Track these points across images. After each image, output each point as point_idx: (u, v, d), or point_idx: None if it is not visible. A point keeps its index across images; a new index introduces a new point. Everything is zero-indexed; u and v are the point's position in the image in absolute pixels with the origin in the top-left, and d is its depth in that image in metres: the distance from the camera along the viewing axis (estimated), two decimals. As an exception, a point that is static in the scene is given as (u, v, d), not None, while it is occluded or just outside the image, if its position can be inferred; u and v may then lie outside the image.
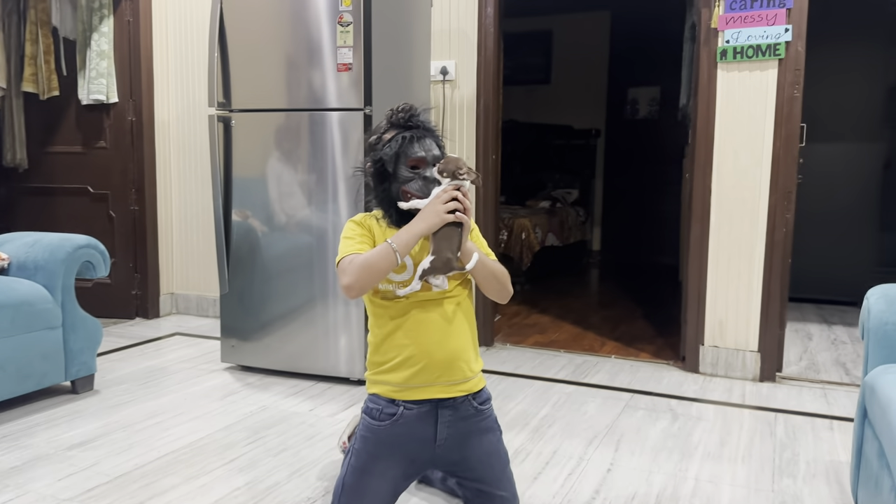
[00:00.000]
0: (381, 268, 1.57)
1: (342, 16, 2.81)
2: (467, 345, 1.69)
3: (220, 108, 3.08)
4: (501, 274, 1.71)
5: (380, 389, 1.69)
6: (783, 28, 2.94)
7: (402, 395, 1.66)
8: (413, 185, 1.67)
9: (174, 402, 2.78)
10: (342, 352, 2.99)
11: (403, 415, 1.66)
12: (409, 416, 1.66)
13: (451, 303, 1.66)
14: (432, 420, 1.67)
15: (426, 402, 1.66)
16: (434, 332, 1.64)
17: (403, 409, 1.66)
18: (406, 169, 1.66)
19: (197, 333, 3.89)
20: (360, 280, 1.57)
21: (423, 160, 1.66)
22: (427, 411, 1.66)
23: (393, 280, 1.66)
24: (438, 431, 1.67)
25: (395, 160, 1.67)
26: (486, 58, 3.54)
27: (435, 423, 1.67)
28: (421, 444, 1.68)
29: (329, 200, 2.97)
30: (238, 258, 3.13)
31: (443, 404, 1.67)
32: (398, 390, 1.66)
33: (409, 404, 1.66)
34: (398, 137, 1.67)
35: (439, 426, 1.67)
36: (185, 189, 4.28)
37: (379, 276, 1.59)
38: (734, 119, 3.07)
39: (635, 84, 7.06)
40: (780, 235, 3.04)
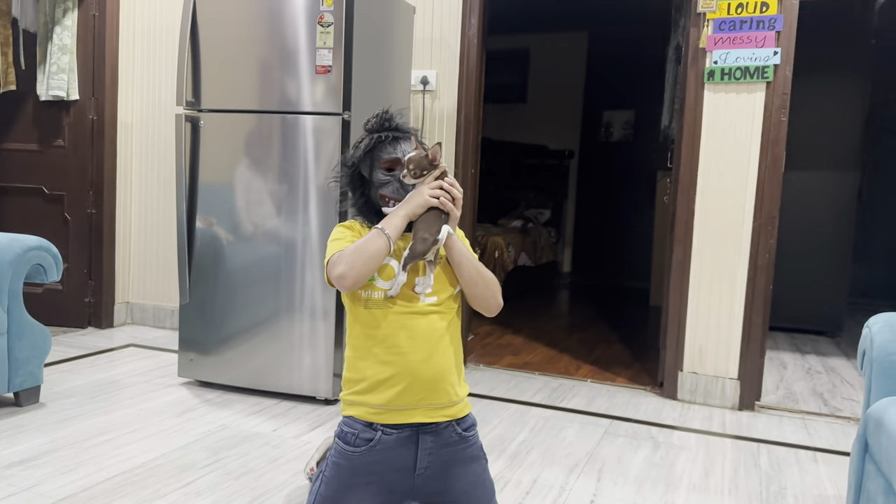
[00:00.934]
0: (373, 251, 1.46)
1: (323, 16, 2.69)
2: (453, 366, 1.56)
3: (188, 107, 2.92)
4: (489, 277, 1.59)
5: (356, 412, 1.55)
6: (772, 51, 2.91)
7: (380, 419, 1.52)
8: (389, 188, 1.56)
9: (127, 419, 2.59)
10: (308, 369, 2.83)
11: (381, 440, 1.52)
12: (387, 442, 1.52)
13: (439, 318, 1.53)
14: (413, 447, 1.53)
15: (407, 427, 1.52)
16: (419, 348, 1.51)
17: (381, 434, 1.52)
18: (381, 172, 1.57)
19: (153, 345, 3.69)
20: (353, 266, 1.45)
21: (398, 161, 1.56)
22: (407, 437, 1.52)
23: (378, 287, 1.53)
24: (419, 459, 1.53)
25: (370, 164, 1.57)
26: (469, 70, 3.45)
27: (415, 451, 1.53)
28: (400, 473, 1.54)
29: (300, 209, 2.82)
30: (201, 267, 2.96)
31: (424, 429, 1.53)
32: (377, 413, 1.52)
33: (388, 429, 1.52)
34: (368, 139, 1.57)
35: (420, 453, 1.53)
36: (147, 193, 4.08)
37: (372, 262, 1.47)
38: (720, 141, 3.02)
39: (610, 107, 7.06)
40: (763, 261, 2.98)
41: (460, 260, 1.55)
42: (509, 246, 5.39)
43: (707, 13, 2.99)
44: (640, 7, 5.76)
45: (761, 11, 2.92)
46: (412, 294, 1.53)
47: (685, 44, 3.11)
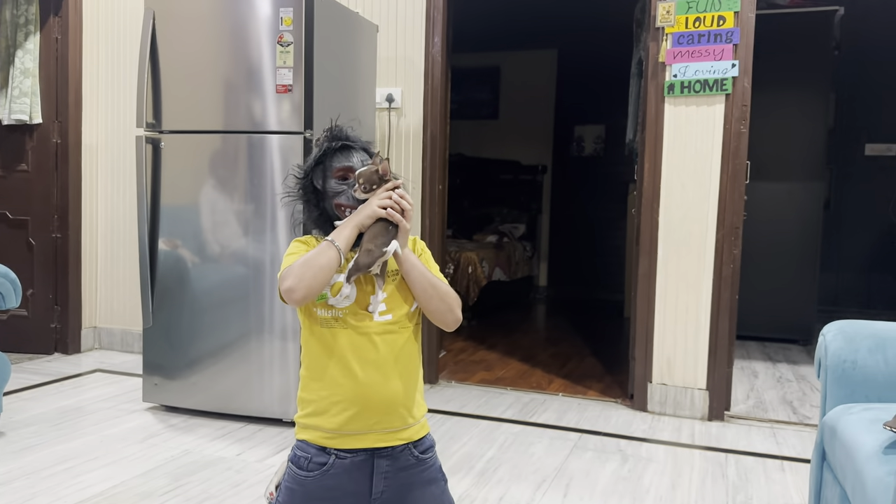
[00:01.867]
0: (322, 263, 1.43)
1: (282, 35, 2.69)
2: (411, 387, 1.54)
3: (148, 128, 2.90)
4: (445, 290, 1.56)
5: (309, 435, 1.52)
6: (730, 63, 2.95)
7: (333, 443, 1.49)
8: (343, 196, 1.54)
9: (88, 446, 2.54)
10: (276, 390, 2.80)
11: (335, 464, 1.49)
12: (341, 466, 1.49)
13: (395, 337, 1.51)
14: (367, 471, 1.50)
15: (361, 451, 1.50)
16: (374, 370, 1.48)
17: (335, 458, 1.49)
18: (334, 181, 1.55)
19: (120, 370, 3.63)
20: (302, 278, 1.41)
21: (351, 169, 1.54)
22: (362, 461, 1.50)
23: (333, 306, 1.51)
24: (374, 484, 1.51)
25: (323, 175, 1.56)
26: (433, 87, 3.46)
27: (371, 475, 1.50)
28: (355, 498, 1.51)
29: (267, 229, 2.80)
30: (165, 290, 2.92)
31: (379, 453, 1.51)
32: (329, 437, 1.49)
33: (342, 453, 1.49)
34: (317, 149, 1.56)
35: (375, 478, 1.51)
36: (113, 217, 4.04)
37: (322, 274, 1.43)
38: (681, 153, 3.04)
39: (581, 122, 7.12)
40: (727, 271, 3.00)
41: (411, 272, 1.53)
42: (483, 261, 5.39)
43: (665, 27, 3.03)
44: (607, 23, 5.83)
45: (718, 25, 2.96)
46: (365, 313, 1.51)
47: (646, 58, 3.15)
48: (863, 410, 1.55)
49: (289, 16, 2.68)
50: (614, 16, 5.45)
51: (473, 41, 6.71)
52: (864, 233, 6.08)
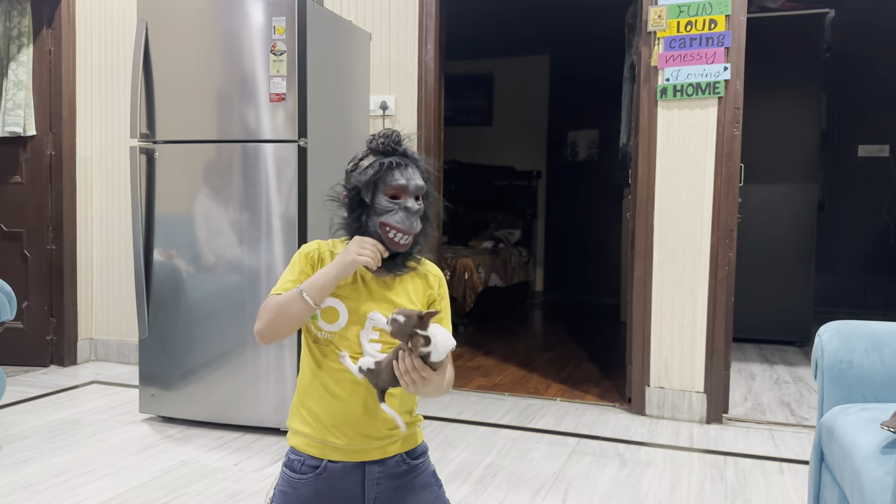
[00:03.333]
0: (293, 313, 1.40)
1: (275, 44, 2.69)
2: (404, 403, 1.53)
3: (142, 139, 2.90)
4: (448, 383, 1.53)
5: (299, 443, 1.52)
6: (722, 66, 2.96)
7: (323, 455, 1.49)
8: (393, 216, 1.48)
9: (84, 458, 2.53)
10: (272, 400, 2.79)
11: (328, 468, 1.48)
12: (333, 470, 1.48)
13: None
14: (359, 477, 1.49)
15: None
16: (365, 391, 1.48)
17: (328, 462, 1.49)
18: (385, 199, 1.49)
19: (116, 382, 3.61)
20: (270, 326, 1.41)
21: (404, 189, 1.49)
22: (353, 467, 1.49)
23: (322, 328, 1.50)
24: (367, 490, 1.50)
25: (373, 189, 1.50)
26: (427, 94, 3.46)
27: (363, 481, 1.50)
28: (348, 503, 1.51)
29: (262, 238, 2.80)
30: (160, 301, 2.92)
31: (370, 462, 1.51)
32: (320, 448, 1.49)
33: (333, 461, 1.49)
34: (375, 164, 1.50)
35: (367, 484, 1.50)
36: (108, 228, 4.03)
37: (292, 323, 1.42)
38: (675, 157, 3.05)
39: (575, 127, 7.14)
40: (723, 273, 3.00)
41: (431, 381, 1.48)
42: (479, 267, 5.39)
43: (657, 31, 3.04)
44: (599, 28, 5.85)
45: (710, 28, 2.98)
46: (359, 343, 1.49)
47: (638, 62, 3.16)
48: (860, 410, 1.55)
49: (282, 25, 2.68)
50: (606, 21, 5.48)
51: (466, 48, 6.73)
52: (859, 234, 6.10)
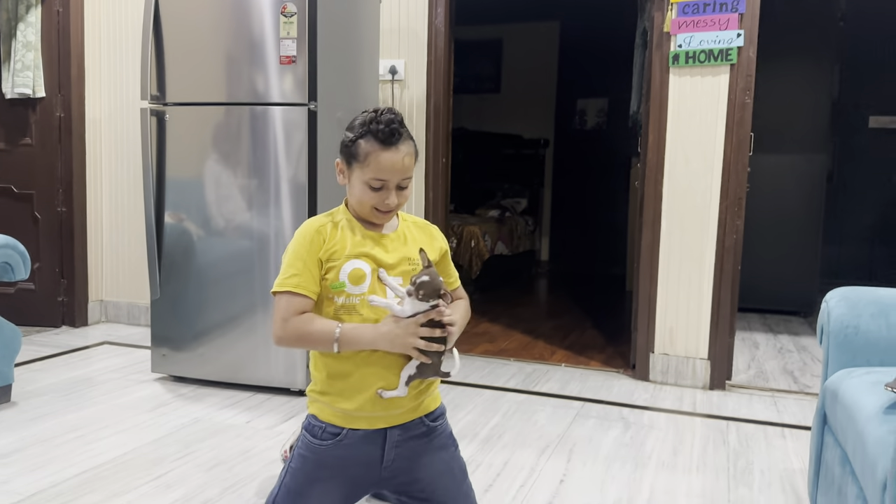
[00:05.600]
0: (317, 344, 1.47)
1: (286, 6, 2.68)
2: None
3: (153, 101, 2.90)
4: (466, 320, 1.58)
5: (320, 411, 1.55)
6: (735, 33, 2.94)
7: (344, 423, 1.52)
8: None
9: (99, 415, 2.58)
10: (282, 361, 2.83)
11: (348, 435, 1.51)
12: (353, 437, 1.51)
13: None
14: (380, 440, 1.52)
15: None
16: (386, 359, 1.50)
17: (349, 430, 1.52)
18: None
19: (127, 342, 3.67)
20: (290, 342, 1.48)
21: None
22: (375, 433, 1.53)
23: (350, 293, 1.52)
24: (386, 453, 1.53)
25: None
26: (437, 58, 3.45)
27: (383, 444, 1.53)
28: (366, 468, 1.54)
29: (271, 203, 2.82)
30: (171, 263, 2.95)
31: (393, 426, 1.54)
32: (341, 417, 1.52)
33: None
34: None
35: (387, 447, 1.53)
36: (118, 190, 4.05)
37: (313, 347, 1.49)
38: (686, 124, 3.04)
39: (584, 95, 7.09)
40: (730, 242, 3.02)
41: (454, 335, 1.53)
42: (485, 235, 5.41)
43: (670, -3, 3.01)
44: (610, -6, 5.77)
45: (724, -6, 2.95)
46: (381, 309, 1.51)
47: (650, 28, 3.14)
48: (864, 374, 1.58)
49: (292, -14, 2.66)
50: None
51: (475, 13, 6.65)
52: (868, 206, 6.08)
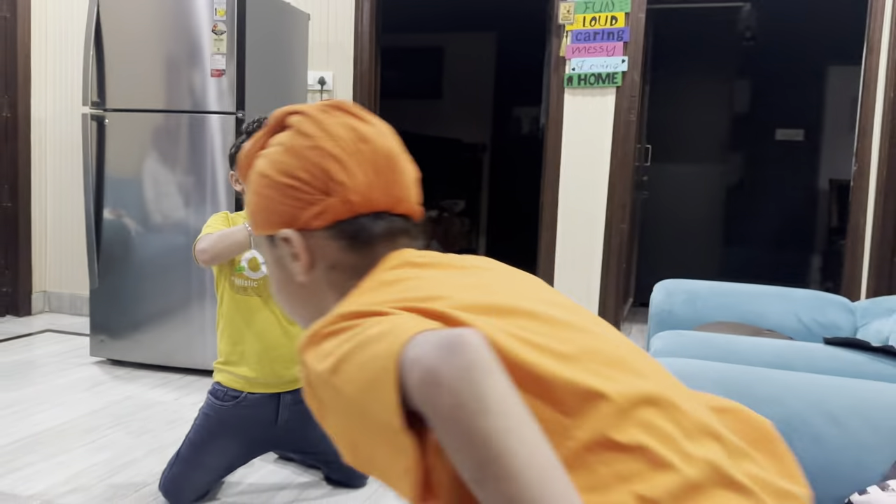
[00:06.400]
0: (236, 239, 1.73)
1: (216, 25, 2.97)
2: None
3: (94, 106, 3.16)
4: None
5: (224, 378, 1.88)
6: (620, 59, 3.33)
7: (247, 388, 1.85)
8: None
9: (38, 393, 2.84)
10: (212, 348, 3.12)
11: (247, 398, 1.85)
12: (251, 400, 1.85)
13: None
14: (274, 404, 1.87)
15: None
16: (280, 333, 1.84)
17: (247, 394, 1.85)
18: None
19: (68, 330, 3.90)
20: (214, 246, 1.73)
21: None
22: (269, 396, 1.86)
23: (249, 277, 1.85)
24: (280, 414, 1.87)
25: None
26: (362, 70, 3.77)
27: (277, 406, 1.87)
28: (263, 427, 1.87)
29: (207, 202, 3.10)
30: (111, 256, 3.21)
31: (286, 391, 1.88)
32: (242, 383, 1.85)
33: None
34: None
35: (281, 409, 1.87)
36: (61, 188, 4.27)
37: (230, 249, 1.75)
38: (578, 138, 3.43)
39: (519, 103, 7.48)
40: (615, 243, 3.41)
41: None
42: (418, 234, 5.75)
43: (566, 25, 3.39)
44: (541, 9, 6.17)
45: (611, 24, 3.34)
46: None
47: (550, 52, 3.51)
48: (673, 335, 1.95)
49: (222, 7, 2.96)
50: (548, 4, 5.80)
51: (417, 23, 7.00)
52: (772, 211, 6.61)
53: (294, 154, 0.85)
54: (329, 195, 0.83)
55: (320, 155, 0.84)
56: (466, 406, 0.55)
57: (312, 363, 0.69)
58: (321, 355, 0.69)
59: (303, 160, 0.84)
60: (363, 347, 0.64)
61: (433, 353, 0.57)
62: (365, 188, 0.84)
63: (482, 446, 0.54)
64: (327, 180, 0.83)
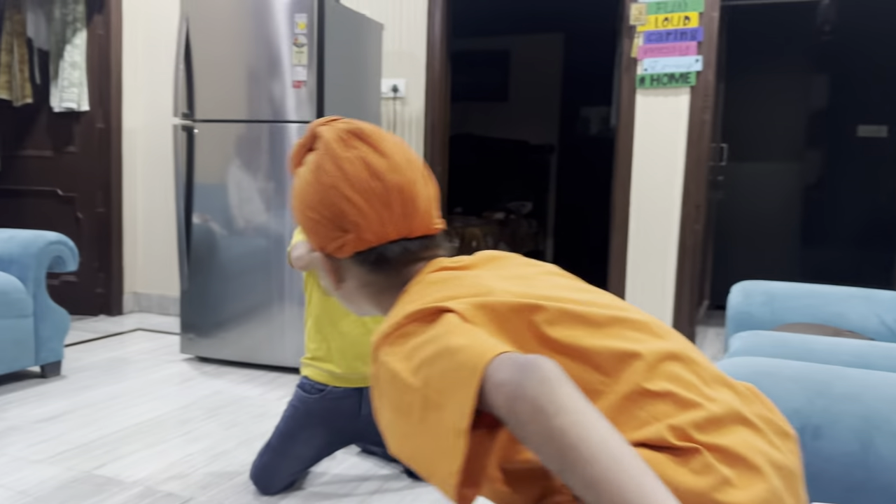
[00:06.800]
0: None
1: (297, 38, 3.11)
2: None
3: (183, 117, 3.35)
4: None
5: (311, 373, 2.00)
6: (694, 59, 3.31)
7: (331, 382, 1.97)
8: None
9: (135, 387, 3.03)
10: (294, 346, 3.26)
11: (331, 391, 1.97)
12: (336, 393, 1.97)
13: None
14: (356, 397, 1.97)
15: None
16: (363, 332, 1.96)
17: (332, 388, 1.97)
18: None
19: (158, 329, 4.13)
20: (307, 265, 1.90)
21: None
22: (353, 390, 1.97)
23: None
24: (363, 407, 1.98)
25: None
26: (434, 77, 3.86)
27: (360, 400, 1.98)
28: (346, 419, 1.98)
29: (286, 206, 3.24)
30: (198, 259, 3.39)
31: (367, 386, 1.98)
32: (328, 377, 1.97)
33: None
34: None
35: (363, 402, 1.98)
36: (150, 194, 4.52)
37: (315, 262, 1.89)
38: (651, 139, 3.42)
39: (587, 103, 7.46)
40: (690, 243, 3.39)
41: None
42: (486, 236, 5.81)
43: (638, 26, 3.39)
44: (610, 9, 6.14)
45: (684, 24, 3.32)
46: None
47: (621, 53, 3.52)
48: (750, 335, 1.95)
49: (303, 21, 3.09)
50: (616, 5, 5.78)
51: (484, 26, 7.07)
52: (854, 210, 6.38)
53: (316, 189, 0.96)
54: (346, 233, 0.95)
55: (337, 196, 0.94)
56: (545, 409, 0.67)
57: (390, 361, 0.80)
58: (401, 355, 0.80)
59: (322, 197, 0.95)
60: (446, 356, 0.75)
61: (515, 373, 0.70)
62: (378, 226, 0.94)
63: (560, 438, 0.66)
64: (343, 221, 0.94)
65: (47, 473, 2.14)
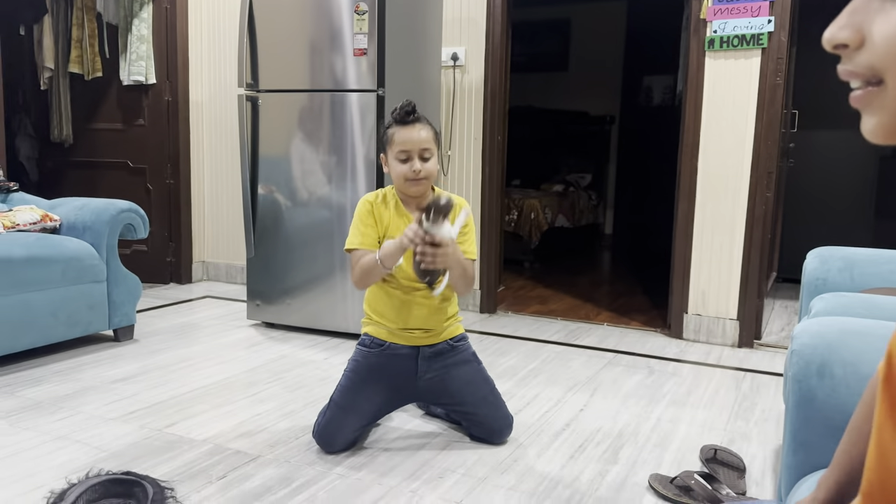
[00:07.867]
0: (376, 274, 1.93)
1: (358, 5, 3.10)
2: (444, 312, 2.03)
3: (248, 88, 3.40)
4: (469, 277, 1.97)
5: (371, 330, 2.05)
6: (766, 19, 3.17)
7: (390, 338, 2.02)
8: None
9: (204, 350, 3.12)
10: (356, 313, 3.30)
11: (390, 346, 2.02)
12: (394, 348, 2.02)
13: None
14: (415, 355, 2.02)
15: None
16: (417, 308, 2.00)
17: (391, 343, 2.01)
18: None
19: (225, 296, 4.24)
20: (362, 282, 1.97)
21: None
22: (411, 348, 2.02)
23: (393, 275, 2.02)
24: (419, 366, 2.02)
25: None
26: (494, 45, 3.81)
27: (416, 357, 2.02)
28: (404, 378, 2.03)
29: (348, 178, 3.27)
30: (263, 228, 3.46)
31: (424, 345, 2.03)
32: (387, 334, 2.01)
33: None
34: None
35: (420, 361, 2.02)
36: (216, 165, 4.62)
37: (376, 279, 1.96)
38: (720, 104, 3.31)
39: (650, 72, 7.25)
40: (759, 212, 3.28)
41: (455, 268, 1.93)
42: (546, 208, 5.75)
43: (707, -14, 3.26)
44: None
45: (757, -17, 3.18)
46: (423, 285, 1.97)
47: (689, 15, 3.40)
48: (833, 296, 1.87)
49: (364, -13, 3.08)
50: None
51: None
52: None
53: None
54: None
55: None
56: None
57: None
58: None
59: None
60: None
61: None
62: None
63: None
64: None
65: (121, 431, 2.23)
